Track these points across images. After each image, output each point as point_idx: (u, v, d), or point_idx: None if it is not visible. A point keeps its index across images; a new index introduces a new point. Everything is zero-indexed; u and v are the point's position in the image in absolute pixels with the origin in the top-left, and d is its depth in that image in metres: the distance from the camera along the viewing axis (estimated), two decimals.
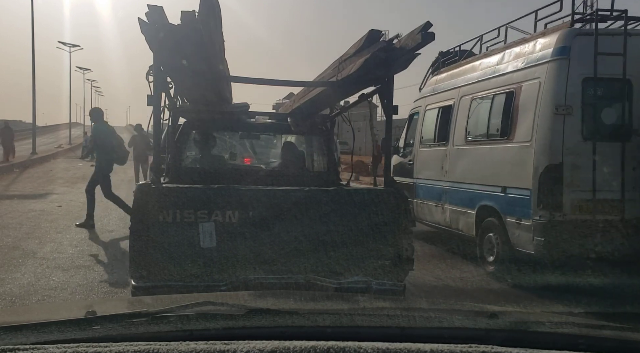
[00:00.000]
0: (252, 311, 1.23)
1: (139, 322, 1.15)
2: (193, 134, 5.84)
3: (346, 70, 3.90)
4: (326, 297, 1.88)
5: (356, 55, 3.88)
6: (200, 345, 0.98)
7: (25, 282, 5.40)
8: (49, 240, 7.65)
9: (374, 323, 1.29)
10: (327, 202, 3.59)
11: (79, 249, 7.13)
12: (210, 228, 3.32)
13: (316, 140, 6.18)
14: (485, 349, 1.02)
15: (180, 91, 4.88)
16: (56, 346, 0.95)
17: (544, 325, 1.32)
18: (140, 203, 3.31)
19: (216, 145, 6.54)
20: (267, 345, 0.98)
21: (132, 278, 3.31)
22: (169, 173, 5.06)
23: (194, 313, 1.21)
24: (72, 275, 5.75)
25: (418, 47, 3.37)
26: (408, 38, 3.43)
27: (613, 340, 1.23)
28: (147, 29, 3.05)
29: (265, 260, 3.39)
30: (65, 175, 18.93)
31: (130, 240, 3.30)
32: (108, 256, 6.85)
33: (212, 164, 5.74)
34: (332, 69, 4.38)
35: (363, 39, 3.82)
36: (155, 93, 3.47)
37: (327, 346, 0.98)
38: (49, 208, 10.80)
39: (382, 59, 3.46)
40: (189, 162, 5.97)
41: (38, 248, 7.05)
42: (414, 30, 3.39)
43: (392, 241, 3.56)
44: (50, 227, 8.78)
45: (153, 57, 3.37)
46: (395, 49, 3.50)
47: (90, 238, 8.00)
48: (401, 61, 3.61)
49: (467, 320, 1.40)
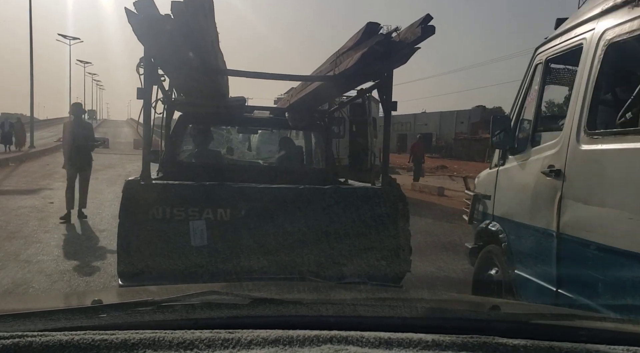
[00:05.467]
0: (256, 301, 1.24)
1: (144, 310, 1.16)
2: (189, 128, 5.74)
3: (343, 64, 3.79)
4: (329, 288, 1.90)
5: (354, 49, 3.74)
6: (205, 333, 0.99)
7: (1, 289, 5.07)
8: (35, 241, 7.25)
9: (376, 313, 1.31)
10: (322, 200, 3.47)
11: (66, 251, 6.77)
12: (201, 226, 3.23)
13: (314, 135, 6.14)
14: (487, 340, 1.03)
15: (175, 84, 4.78)
16: (63, 333, 0.96)
17: (545, 317, 1.33)
18: (128, 200, 3.20)
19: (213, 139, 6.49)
20: (271, 334, 0.99)
21: (120, 278, 3.23)
22: (163, 168, 4.97)
23: (199, 302, 1.22)
24: (55, 281, 5.44)
25: (418, 41, 3.23)
26: (407, 31, 3.31)
27: (613, 332, 1.24)
28: (135, 19, 2.93)
29: (258, 260, 3.29)
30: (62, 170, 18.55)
31: (118, 239, 3.21)
32: (97, 259, 6.44)
33: (208, 159, 5.67)
34: (330, 63, 4.26)
35: (360, 32, 3.65)
36: (145, 85, 3.36)
37: (330, 335, 1.00)
38: (40, 205, 10.48)
39: (380, 53, 3.34)
40: (185, 156, 5.88)
41: (22, 250, 6.69)
42: (413, 23, 3.27)
43: (388, 242, 3.47)
44: (39, 225, 8.42)
45: (144, 49, 3.27)
46: (394, 42, 3.36)
47: (79, 238, 7.59)
48: (400, 55, 3.49)
49: (468, 311, 1.41)
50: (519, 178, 4.00)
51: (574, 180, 3.26)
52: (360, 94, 4.55)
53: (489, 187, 4.53)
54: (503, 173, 4.30)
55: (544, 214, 3.49)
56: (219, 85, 4.43)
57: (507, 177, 4.22)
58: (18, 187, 13.41)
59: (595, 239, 2.97)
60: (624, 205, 2.79)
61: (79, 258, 6.45)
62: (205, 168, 5.20)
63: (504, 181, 4.28)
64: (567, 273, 3.30)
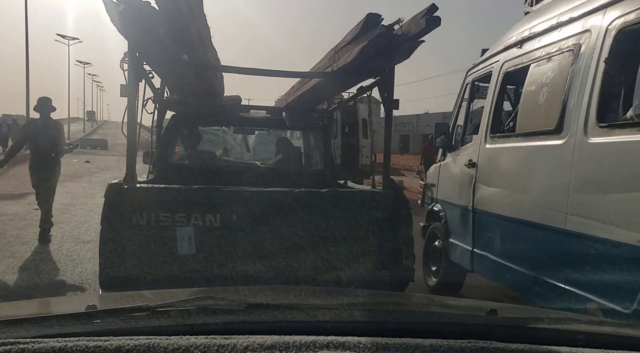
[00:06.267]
0: (252, 306, 1.23)
1: (139, 316, 1.15)
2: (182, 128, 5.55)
3: (342, 59, 3.60)
4: (326, 292, 1.89)
5: (353, 43, 3.53)
6: (201, 339, 0.98)
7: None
8: (9, 255, 6.21)
9: (373, 318, 1.30)
10: (319, 204, 3.29)
11: (42, 267, 5.81)
12: (189, 233, 3.04)
13: (312, 136, 5.97)
14: (484, 345, 1.03)
15: (165, 81, 4.59)
16: (57, 340, 0.95)
17: (543, 321, 1.33)
18: (111, 204, 3.03)
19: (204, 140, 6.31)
20: (267, 340, 0.99)
21: (101, 287, 3.09)
22: (154, 170, 4.78)
23: (194, 307, 1.21)
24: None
25: (422, 33, 3.03)
26: (411, 23, 3.09)
27: (611, 336, 1.24)
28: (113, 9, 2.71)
29: (252, 268, 3.12)
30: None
31: (100, 245, 3.02)
32: (76, 278, 5.41)
33: (202, 161, 5.51)
34: (328, 59, 4.05)
35: (360, 25, 3.45)
36: (129, 82, 3.17)
37: (326, 341, 0.99)
38: (23, 212, 9.42)
39: (381, 47, 3.13)
40: (177, 158, 5.68)
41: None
42: (417, 14, 3.05)
43: (389, 249, 3.29)
44: (17, 235, 7.34)
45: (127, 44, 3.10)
46: (396, 35, 3.13)
47: (60, 252, 6.49)
48: (403, 49, 3.24)
49: (466, 316, 1.41)
50: (452, 170, 5.28)
51: (482, 170, 4.52)
52: (361, 92, 4.32)
53: (434, 178, 5.86)
54: (443, 166, 5.60)
55: (466, 195, 4.74)
56: (209, 82, 4.26)
57: (445, 169, 5.53)
58: (5, 192, 12.42)
59: (495, 211, 4.24)
60: (510, 186, 4.07)
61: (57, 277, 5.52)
62: (199, 170, 5.05)
63: (443, 173, 5.59)
64: (479, 236, 4.53)
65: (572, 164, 3.30)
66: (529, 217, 3.74)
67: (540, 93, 3.83)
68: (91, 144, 39.49)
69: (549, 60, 3.81)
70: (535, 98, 3.89)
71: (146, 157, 5.54)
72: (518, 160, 4.07)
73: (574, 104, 3.37)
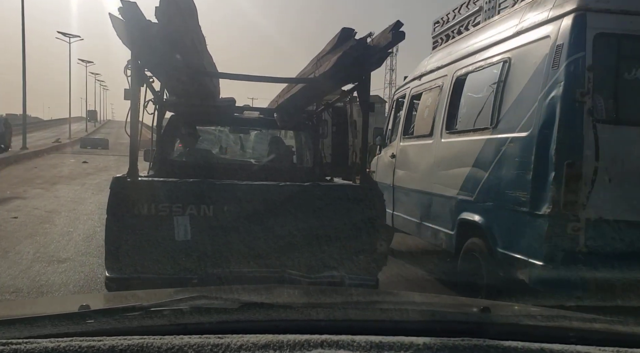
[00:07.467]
0: (246, 305, 1.23)
1: (132, 316, 1.15)
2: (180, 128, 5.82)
3: (322, 67, 3.98)
4: (320, 291, 1.89)
5: (331, 53, 3.97)
6: (194, 338, 0.98)
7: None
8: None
9: (367, 316, 1.30)
10: (302, 197, 3.64)
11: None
12: (185, 221, 3.36)
13: (303, 135, 6.28)
14: (478, 342, 1.03)
15: (164, 85, 4.93)
16: (49, 340, 0.95)
17: (536, 318, 1.33)
18: (116, 195, 3.35)
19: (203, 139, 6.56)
20: (261, 339, 0.98)
21: (107, 270, 3.35)
22: (154, 167, 5.08)
23: (187, 307, 1.21)
24: None
25: (389, 46, 3.46)
26: (381, 36, 3.52)
27: (603, 333, 1.25)
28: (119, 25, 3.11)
29: (240, 254, 3.45)
30: (48, 174, 16.91)
31: (106, 232, 3.35)
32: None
33: (199, 158, 5.74)
34: (312, 66, 4.45)
35: (337, 37, 3.93)
36: (132, 87, 3.49)
37: (320, 339, 0.99)
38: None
39: (354, 57, 3.52)
40: (176, 156, 5.98)
41: None
42: (386, 28, 3.48)
43: (366, 237, 3.61)
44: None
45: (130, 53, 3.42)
46: (368, 46, 3.55)
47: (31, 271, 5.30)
48: (375, 59, 3.70)
49: (459, 314, 1.41)
50: (383, 160, 7.62)
51: (398, 159, 6.91)
52: (342, 96, 4.76)
53: (374, 166, 7.94)
54: (380, 158, 7.86)
55: (389, 177, 7.04)
56: (204, 85, 4.52)
57: (380, 160, 7.79)
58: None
59: (404, 185, 6.56)
60: (410, 169, 6.47)
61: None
62: (196, 167, 5.26)
63: (380, 163, 7.80)
64: (396, 203, 6.81)
65: (435, 154, 5.63)
66: (417, 187, 6.03)
67: (425, 111, 6.17)
68: (92, 143, 38.23)
69: (430, 91, 6.20)
70: (422, 114, 6.27)
71: (147, 156, 5.87)
72: (413, 152, 6.44)
73: (438, 119, 5.66)
